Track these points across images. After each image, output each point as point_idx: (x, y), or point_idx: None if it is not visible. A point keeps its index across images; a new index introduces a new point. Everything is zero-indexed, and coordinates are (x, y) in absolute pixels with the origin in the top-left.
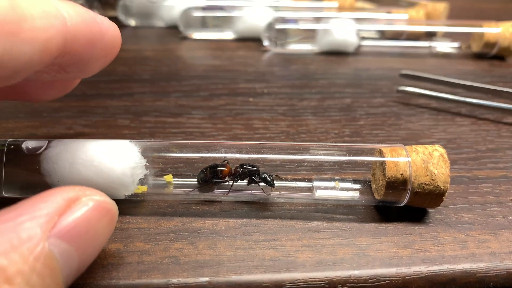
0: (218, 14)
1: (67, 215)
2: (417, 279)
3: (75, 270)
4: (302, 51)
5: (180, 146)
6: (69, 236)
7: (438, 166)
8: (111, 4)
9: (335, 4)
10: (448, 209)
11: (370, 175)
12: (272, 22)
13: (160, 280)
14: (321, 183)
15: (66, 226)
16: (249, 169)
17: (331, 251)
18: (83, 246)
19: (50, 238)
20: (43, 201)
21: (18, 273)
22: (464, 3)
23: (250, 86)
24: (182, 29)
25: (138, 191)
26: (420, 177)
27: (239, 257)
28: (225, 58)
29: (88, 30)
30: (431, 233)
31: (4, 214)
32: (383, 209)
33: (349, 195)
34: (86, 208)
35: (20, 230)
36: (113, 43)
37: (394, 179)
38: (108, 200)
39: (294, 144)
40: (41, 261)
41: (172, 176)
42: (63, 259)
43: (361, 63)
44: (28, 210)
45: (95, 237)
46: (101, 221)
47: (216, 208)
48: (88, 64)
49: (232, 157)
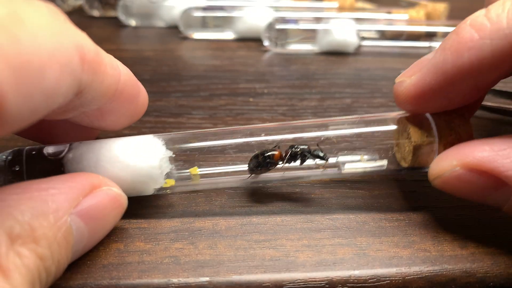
0: (218, 14)
1: (89, 197)
2: (417, 279)
3: (81, 249)
4: (302, 51)
5: (204, 135)
6: (86, 216)
7: (460, 125)
8: (111, 4)
9: (335, 4)
10: (448, 209)
11: (394, 146)
12: (272, 22)
13: (160, 280)
14: (346, 158)
15: (87, 208)
16: (301, 148)
17: (331, 251)
18: (94, 229)
19: (72, 215)
20: (71, 180)
21: (44, 237)
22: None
23: (250, 86)
24: (182, 29)
25: (166, 185)
26: (445, 137)
27: (239, 257)
28: (225, 58)
29: (131, 87)
30: (431, 233)
31: (39, 183)
32: (383, 209)
33: (377, 165)
34: (105, 196)
35: (50, 200)
36: (144, 103)
37: (420, 142)
38: (122, 194)
39: (314, 121)
40: (62, 232)
41: (198, 168)
42: (77, 236)
43: (361, 63)
44: (59, 185)
45: (105, 224)
46: (113, 210)
47: (216, 208)
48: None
49: (257, 140)
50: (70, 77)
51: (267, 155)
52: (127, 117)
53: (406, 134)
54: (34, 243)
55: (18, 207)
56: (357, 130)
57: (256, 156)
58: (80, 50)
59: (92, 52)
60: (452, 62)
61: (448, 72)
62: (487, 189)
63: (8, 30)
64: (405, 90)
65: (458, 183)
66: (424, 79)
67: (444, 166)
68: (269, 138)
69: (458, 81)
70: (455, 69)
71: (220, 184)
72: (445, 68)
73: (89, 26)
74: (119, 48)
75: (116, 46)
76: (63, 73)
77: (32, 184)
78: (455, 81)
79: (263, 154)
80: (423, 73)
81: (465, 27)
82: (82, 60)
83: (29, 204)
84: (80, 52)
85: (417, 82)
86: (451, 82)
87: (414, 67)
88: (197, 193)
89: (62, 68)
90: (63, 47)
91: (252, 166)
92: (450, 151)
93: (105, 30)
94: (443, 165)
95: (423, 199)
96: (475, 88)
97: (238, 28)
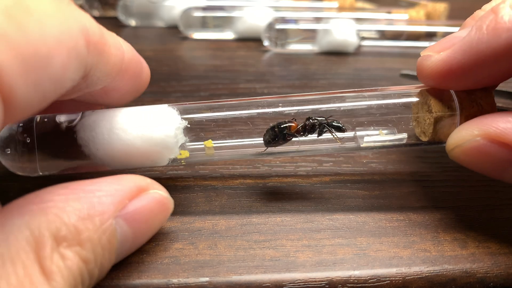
0: (218, 14)
1: (135, 201)
2: (417, 279)
3: (125, 252)
4: (302, 51)
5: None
6: (132, 220)
7: (483, 97)
8: (111, 4)
9: (335, 4)
10: (448, 209)
11: (413, 120)
12: (272, 22)
13: (160, 280)
14: (364, 132)
15: (133, 211)
16: (319, 120)
17: (331, 251)
18: (139, 233)
19: (117, 218)
20: (117, 183)
21: (88, 240)
22: (464, 3)
23: (250, 86)
24: (182, 29)
25: (181, 156)
26: (466, 109)
27: (239, 257)
28: (225, 58)
29: (135, 64)
30: (431, 233)
31: (85, 184)
32: (383, 209)
33: (397, 138)
34: (152, 200)
35: (97, 203)
36: (147, 78)
37: (441, 113)
38: (169, 197)
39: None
40: (106, 235)
41: (212, 141)
42: (121, 239)
43: (361, 63)
44: (106, 187)
45: (150, 228)
46: (159, 214)
47: (216, 208)
48: (125, 93)
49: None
50: (77, 61)
51: (283, 126)
52: (131, 93)
53: (426, 106)
54: (78, 246)
55: (65, 208)
56: (376, 102)
57: (272, 128)
58: (85, 33)
59: (97, 35)
60: (488, 42)
61: (482, 52)
62: (506, 163)
63: (15, 20)
64: (432, 65)
65: (477, 154)
66: (455, 57)
67: (465, 135)
68: (285, 109)
69: (491, 62)
70: (490, 49)
71: (234, 157)
72: (480, 47)
73: None
74: None
75: None
76: (70, 58)
77: (79, 185)
78: (488, 62)
79: (279, 126)
80: (454, 50)
81: (504, 7)
82: (88, 43)
83: (76, 206)
84: (85, 35)
85: (446, 59)
86: (483, 63)
87: (443, 42)
88: (197, 193)
89: (69, 53)
90: (69, 32)
91: (268, 138)
92: (472, 121)
93: None
94: (463, 134)
95: (423, 199)
96: (507, 70)
97: (238, 28)
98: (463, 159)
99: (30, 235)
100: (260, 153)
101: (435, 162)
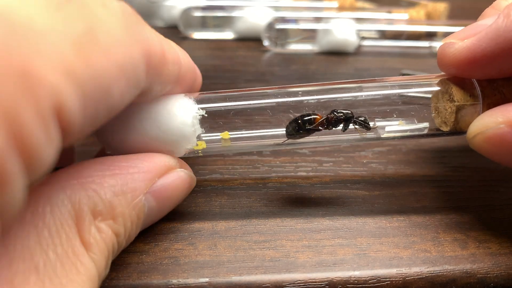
0: (218, 14)
1: (164, 178)
2: (418, 280)
3: (149, 223)
4: (302, 51)
5: (237, 97)
6: (159, 196)
7: (505, 85)
8: None
9: (335, 4)
10: (448, 209)
11: (433, 110)
12: (272, 22)
13: (160, 281)
14: (383, 122)
15: (160, 188)
16: (344, 113)
17: (331, 251)
18: (164, 207)
19: (147, 194)
20: (149, 160)
21: (121, 214)
22: (464, 3)
23: (250, 86)
24: (182, 29)
25: (198, 147)
26: (489, 97)
27: (239, 258)
28: (225, 58)
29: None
30: (432, 233)
31: (120, 160)
32: (383, 209)
33: (418, 127)
34: (178, 178)
35: (130, 180)
36: (199, 85)
37: (463, 101)
38: (193, 176)
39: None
40: (136, 210)
41: (229, 132)
42: (147, 213)
43: (361, 63)
44: (138, 164)
45: (174, 202)
46: (183, 191)
47: (216, 208)
48: None
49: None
50: (135, 88)
51: (307, 119)
52: None
53: (447, 95)
54: (112, 220)
55: (102, 185)
56: (395, 91)
57: (295, 120)
58: (147, 56)
59: (158, 56)
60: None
61: (510, 41)
62: None
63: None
64: (456, 52)
65: (499, 142)
66: (480, 44)
67: (488, 122)
68: (305, 99)
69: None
70: None
71: (251, 148)
72: (507, 36)
73: None
74: None
75: None
76: (129, 87)
77: (114, 161)
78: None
79: (303, 118)
80: (479, 38)
81: None
82: (148, 67)
83: (111, 182)
84: (147, 59)
85: (471, 46)
86: (510, 52)
87: (468, 30)
88: (197, 193)
89: (128, 81)
90: (132, 59)
91: (292, 130)
92: (495, 109)
93: None
94: (486, 121)
95: (423, 200)
96: None
97: (238, 28)
98: (485, 147)
99: (72, 209)
100: (279, 144)
101: (436, 162)
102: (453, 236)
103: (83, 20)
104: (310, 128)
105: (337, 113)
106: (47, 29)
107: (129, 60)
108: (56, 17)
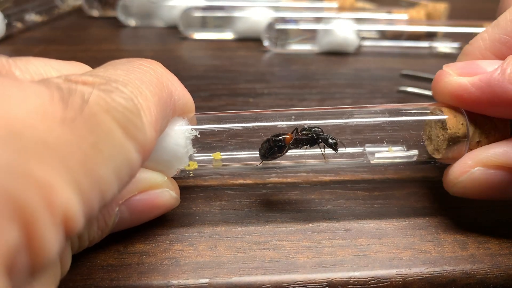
0: (218, 14)
1: (144, 194)
2: (417, 281)
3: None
4: (302, 51)
5: (229, 118)
6: (134, 209)
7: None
8: (111, 4)
9: (335, 4)
10: (448, 210)
11: (425, 138)
12: (272, 22)
13: (160, 282)
14: (373, 148)
15: (137, 202)
16: (312, 130)
17: (331, 252)
18: (136, 219)
19: (122, 205)
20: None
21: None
22: (464, 3)
23: (250, 86)
24: (182, 29)
25: (190, 168)
26: (480, 125)
27: (239, 259)
28: (225, 58)
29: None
30: (431, 234)
31: None
32: (383, 210)
33: (408, 154)
34: (159, 197)
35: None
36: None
37: (456, 129)
38: (177, 198)
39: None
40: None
41: (220, 153)
42: (118, 222)
43: (361, 63)
44: None
45: (148, 217)
46: (160, 210)
47: (216, 209)
48: None
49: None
50: (130, 178)
51: (278, 138)
52: None
53: (440, 123)
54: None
55: None
56: (385, 119)
57: (267, 141)
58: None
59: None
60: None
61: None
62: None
63: (88, 164)
64: (448, 86)
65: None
66: (471, 87)
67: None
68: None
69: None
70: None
71: (240, 170)
72: (497, 90)
73: (88, 26)
74: (118, 48)
75: (116, 46)
76: (126, 183)
77: None
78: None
79: (274, 138)
80: (472, 81)
81: None
82: (144, 156)
83: None
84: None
85: (463, 86)
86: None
87: (467, 67)
88: (197, 194)
89: (124, 183)
90: (128, 161)
91: (263, 151)
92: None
93: (105, 30)
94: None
95: (423, 200)
96: None
97: (238, 28)
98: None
99: None
100: (256, 168)
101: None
102: (453, 237)
103: (90, 134)
104: (280, 148)
105: (306, 131)
106: (59, 144)
107: (125, 162)
108: (66, 133)
